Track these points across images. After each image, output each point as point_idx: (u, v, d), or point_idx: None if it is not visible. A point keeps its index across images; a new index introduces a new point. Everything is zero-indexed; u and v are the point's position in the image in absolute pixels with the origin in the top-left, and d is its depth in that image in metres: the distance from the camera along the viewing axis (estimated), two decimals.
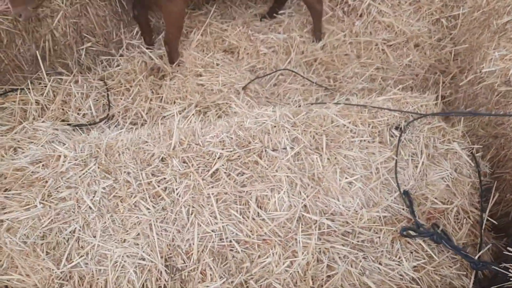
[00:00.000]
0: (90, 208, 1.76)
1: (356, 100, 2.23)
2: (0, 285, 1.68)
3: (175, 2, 2.56)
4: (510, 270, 1.57)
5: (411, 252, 1.78)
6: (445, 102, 2.86)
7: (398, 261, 1.76)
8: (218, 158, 1.94)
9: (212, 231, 1.77)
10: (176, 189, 1.84)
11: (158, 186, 1.84)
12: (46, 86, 2.64)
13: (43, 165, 1.88)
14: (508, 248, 1.65)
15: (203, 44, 3.00)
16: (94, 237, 1.71)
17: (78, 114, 2.59)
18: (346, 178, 1.92)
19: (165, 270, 1.69)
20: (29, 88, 2.59)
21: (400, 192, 1.91)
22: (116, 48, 2.97)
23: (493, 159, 2.26)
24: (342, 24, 3.07)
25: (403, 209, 1.88)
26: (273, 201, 1.85)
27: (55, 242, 1.69)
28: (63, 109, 2.57)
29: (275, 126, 2.05)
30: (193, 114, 2.22)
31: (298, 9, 3.21)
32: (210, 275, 1.69)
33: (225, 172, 1.90)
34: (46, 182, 1.81)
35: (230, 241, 1.76)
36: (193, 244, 1.74)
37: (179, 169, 1.90)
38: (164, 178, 1.87)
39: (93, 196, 1.79)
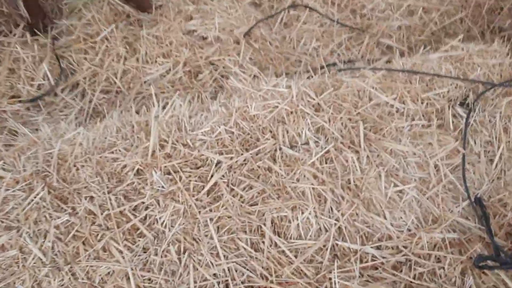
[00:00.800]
0: (40, 259, 1.25)
1: (399, 61, 1.61)
2: None
3: None
4: None
5: None
6: (502, 37, 2.20)
7: None
8: (216, 166, 1.39)
9: (214, 275, 1.28)
10: (160, 218, 1.32)
11: (135, 216, 1.32)
12: None
13: None
14: None
15: None
16: None
17: (31, 86, 1.98)
18: (394, 184, 1.38)
19: None
20: None
21: (471, 199, 1.38)
22: None
23: None
24: None
25: (475, 226, 1.36)
26: (295, 225, 1.34)
27: None
28: (10, 83, 1.96)
29: (291, 112, 1.46)
30: (178, 94, 1.62)
31: None
32: None
33: (226, 187, 1.37)
34: None
35: None
36: None
37: (163, 186, 1.36)
38: (142, 203, 1.34)
39: (44, 240, 1.27)
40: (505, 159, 1.41)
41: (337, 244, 1.33)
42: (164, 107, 1.57)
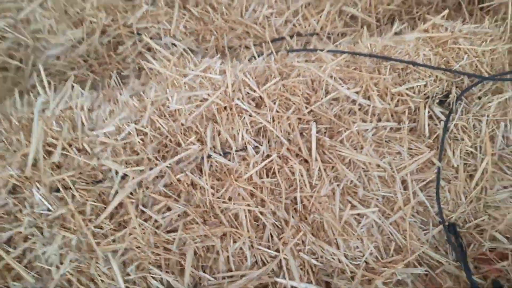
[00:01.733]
0: None
1: (367, 42, 1.27)
2: None
3: None
4: None
5: None
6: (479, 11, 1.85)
7: None
8: (121, 180, 1.05)
9: None
10: (44, 253, 0.99)
11: (8, 252, 0.98)
12: None
13: None
14: None
15: None
16: None
17: None
18: (351, 205, 1.09)
19: None
20: None
21: (444, 225, 1.12)
22: None
23: None
24: None
25: (448, 261, 1.10)
26: (224, 258, 1.04)
27: None
28: None
29: (225, 108, 1.12)
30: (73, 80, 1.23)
31: None
32: None
33: (135, 209, 1.04)
34: None
35: None
36: None
37: (48, 209, 1.02)
38: (19, 233, 1.00)
39: None
40: (488, 175, 1.13)
41: (275, 282, 1.05)
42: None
